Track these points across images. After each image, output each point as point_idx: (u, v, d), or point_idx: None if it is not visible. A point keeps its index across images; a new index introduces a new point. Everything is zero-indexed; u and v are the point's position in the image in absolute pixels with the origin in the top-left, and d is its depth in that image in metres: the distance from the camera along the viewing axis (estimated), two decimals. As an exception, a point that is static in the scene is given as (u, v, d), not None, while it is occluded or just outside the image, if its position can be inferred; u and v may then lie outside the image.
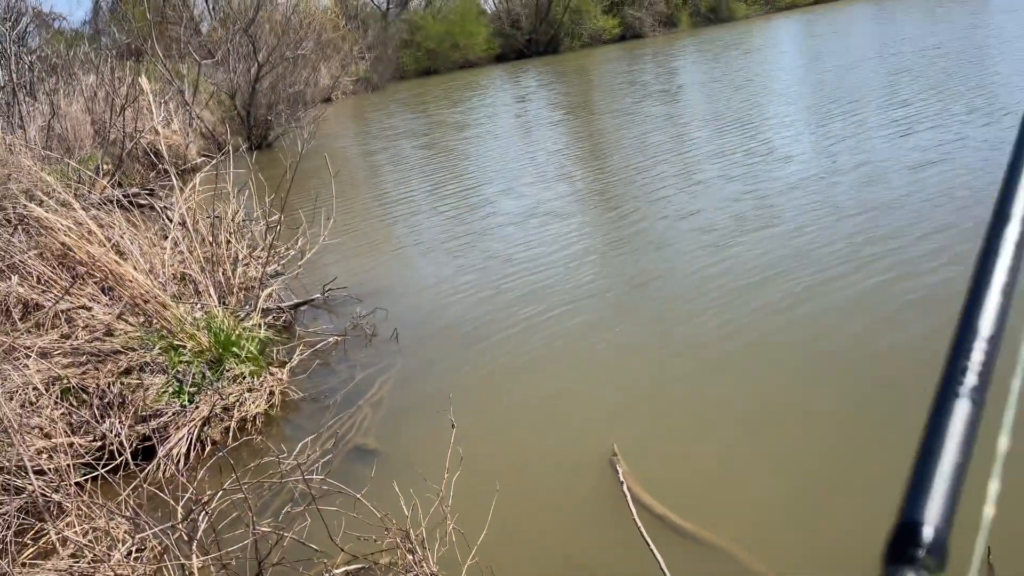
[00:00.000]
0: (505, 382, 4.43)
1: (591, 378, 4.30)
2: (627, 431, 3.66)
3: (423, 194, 9.91)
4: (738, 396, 3.86)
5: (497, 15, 37.76)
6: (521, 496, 3.27)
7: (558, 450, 3.65)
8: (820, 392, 3.77)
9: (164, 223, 6.63)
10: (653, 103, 14.65)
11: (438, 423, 3.81)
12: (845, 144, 8.53)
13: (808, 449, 3.36)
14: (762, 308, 4.74)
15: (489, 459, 3.56)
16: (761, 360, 4.17)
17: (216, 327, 4.45)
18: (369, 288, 6.29)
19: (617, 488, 3.23)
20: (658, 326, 4.78)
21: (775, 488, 3.14)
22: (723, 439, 3.54)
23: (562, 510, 3.21)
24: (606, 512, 3.14)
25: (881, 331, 4.24)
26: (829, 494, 3.05)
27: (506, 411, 4.10)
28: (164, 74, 14.70)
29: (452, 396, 3.87)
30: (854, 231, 5.75)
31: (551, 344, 4.78)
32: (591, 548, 2.98)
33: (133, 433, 3.88)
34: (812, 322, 4.48)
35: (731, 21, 38.16)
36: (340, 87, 26.45)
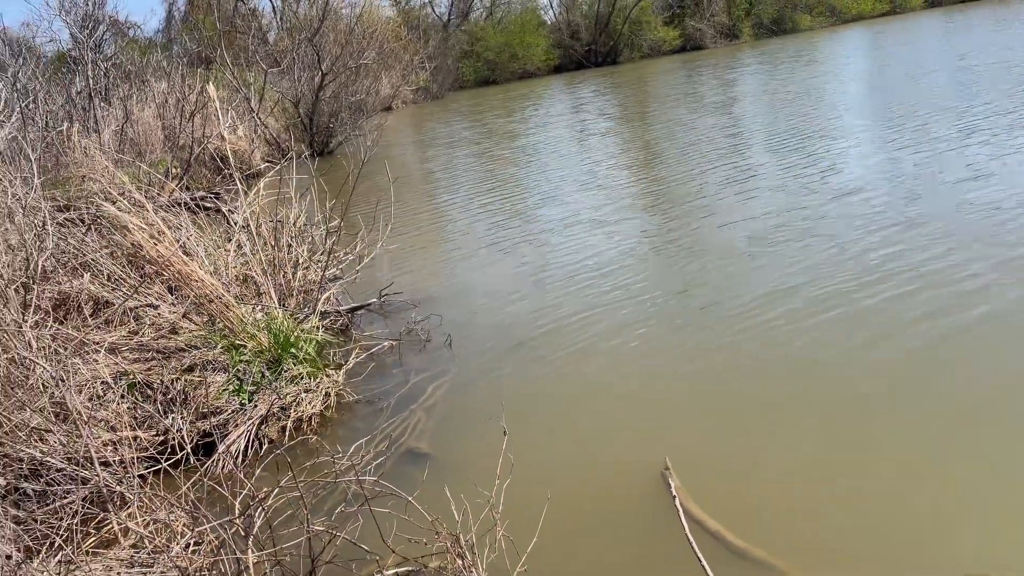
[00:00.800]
0: (557, 392, 4.42)
1: (645, 391, 4.26)
2: (680, 445, 3.62)
3: (478, 202, 9.98)
4: (796, 414, 3.78)
5: (557, 26, 37.90)
6: (571, 506, 3.26)
7: (609, 462, 3.62)
8: (889, 416, 3.67)
9: (228, 226, 6.81)
10: (710, 114, 14.50)
11: (489, 430, 3.83)
12: (907, 157, 8.30)
13: (870, 473, 3.27)
14: (823, 332, 4.62)
15: (540, 468, 3.55)
16: (823, 380, 4.08)
17: (276, 328, 4.55)
18: (424, 294, 6.35)
19: (668, 502, 3.19)
20: (714, 345, 4.70)
21: (831, 510, 3.07)
22: (779, 457, 3.47)
23: (612, 522, 3.19)
24: (657, 526, 3.11)
25: (964, 356, 4.11)
26: (889, 521, 2.96)
27: (557, 421, 4.09)
28: (232, 82, 15.13)
29: (504, 403, 3.89)
30: (921, 244, 5.59)
31: (605, 355, 4.75)
32: (641, 562, 2.95)
33: (194, 429, 3.99)
34: (882, 341, 4.36)
35: (794, 32, 37.55)
36: (400, 96, 26.84)
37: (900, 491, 3.09)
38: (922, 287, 4.92)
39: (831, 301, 4.94)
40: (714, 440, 3.68)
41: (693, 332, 4.90)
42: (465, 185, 11.52)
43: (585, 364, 4.69)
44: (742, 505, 3.18)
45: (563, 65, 36.24)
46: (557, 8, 39.29)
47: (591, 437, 3.87)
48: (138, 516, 3.16)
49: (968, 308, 4.54)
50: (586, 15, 37.32)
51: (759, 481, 3.33)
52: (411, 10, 36.59)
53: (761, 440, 3.62)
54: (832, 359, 4.26)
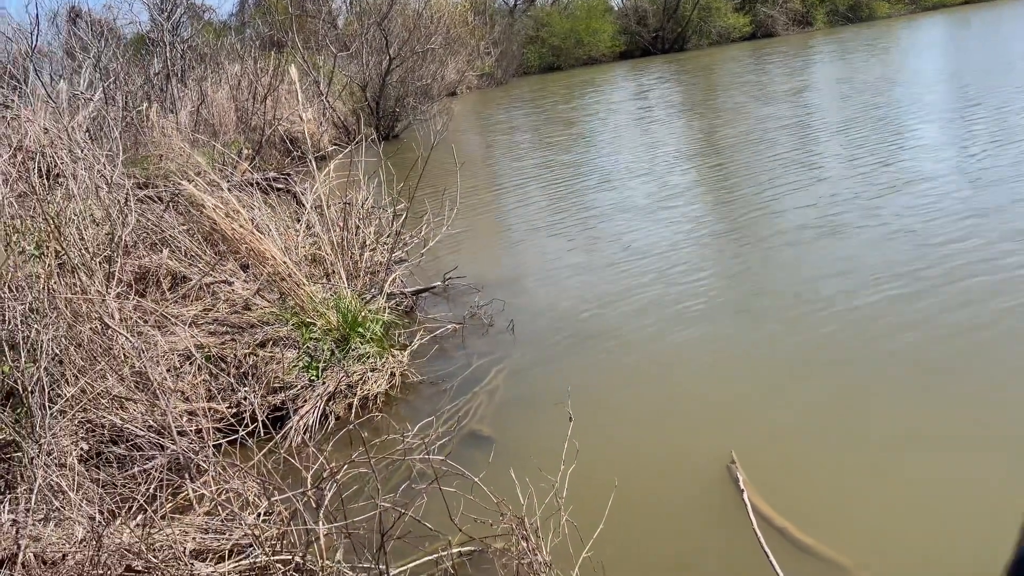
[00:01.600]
0: (621, 380, 4.41)
1: (712, 382, 4.22)
2: (746, 438, 3.57)
3: (542, 189, 9.96)
4: (865, 411, 3.70)
5: (624, 12, 37.39)
6: (635, 495, 3.25)
7: (675, 452, 3.60)
8: (961, 413, 3.56)
9: (298, 207, 6.96)
10: (776, 103, 14.15)
11: (551, 415, 3.84)
12: (981, 153, 7.97)
13: (940, 471, 3.18)
14: (902, 332, 4.48)
15: (604, 455, 3.55)
16: (895, 382, 3.97)
17: (344, 307, 4.64)
18: (487, 279, 6.39)
19: (733, 495, 3.16)
20: (787, 338, 4.62)
21: (901, 508, 3.00)
22: (847, 454, 3.39)
23: (677, 515, 3.17)
24: (721, 519, 3.08)
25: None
26: (959, 521, 2.88)
27: (622, 409, 4.08)
28: (302, 65, 15.40)
29: (569, 389, 3.89)
30: (995, 243, 5.38)
31: (670, 345, 4.72)
32: (706, 555, 2.93)
33: (265, 403, 4.10)
34: (954, 339, 4.22)
35: (871, 20, 36.32)
36: (465, 82, 26.92)
37: (981, 495, 3.00)
38: (994, 278, 4.74)
39: (909, 290, 4.80)
40: (781, 437, 3.62)
41: (760, 322, 4.82)
42: (528, 171, 11.51)
43: (649, 352, 4.66)
44: (809, 501, 3.13)
45: (629, 52, 35.74)
46: (625, -7, 38.78)
47: (656, 426, 3.86)
48: (213, 484, 3.27)
49: None
50: (654, 1, 36.75)
51: (827, 477, 3.27)
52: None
53: (830, 435, 3.55)
54: (911, 350, 4.14)
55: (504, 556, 2.80)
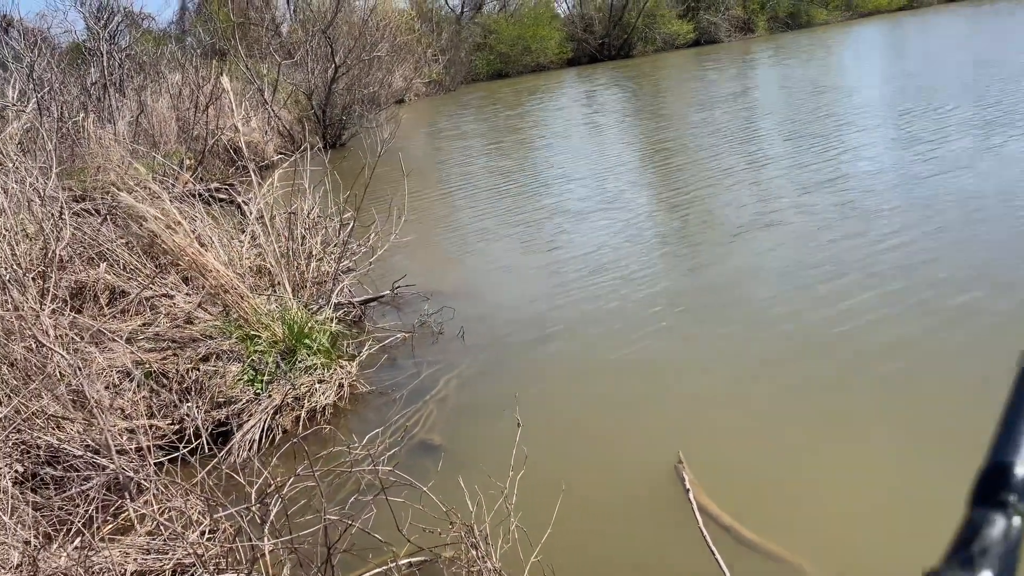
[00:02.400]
0: (570, 385, 4.43)
1: (658, 385, 4.27)
2: (694, 439, 3.62)
3: (491, 196, 9.97)
4: (808, 407, 3.78)
5: (570, 19, 37.72)
6: (584, 499, 3.27)
7: (623, 455, 3.63)
8: (898, 405, 3.66)
9: (242, 217, 6.84)
10: (719, 108, 14.42)
11: (502, 422, 3.84)
12: (919, 152, 8.24)
13: (885, 465, 3.26)
14: (843, 326, 4.60)
15: (553, 460, 3.56)
16: (838, 377, 4.06)
17: (290, 319, 4.57)
18: (437, 287, 6.36)
19: (681, 496, 3.20)
20: (731, 337, 4.70)
21: (846, 504, 3.06)
22: (791, 450, 3.46)
23: (625, 516, 3.19)
24: (670, 519, 3.11)
25: (964, 348, 4.09)
26: (902, 510, 2.96)
27: (571, 413, 4.10)
28: (245, 74, 15.17)
29: (518, 395, 3.89)
30: (938, 239, 5.56)
31: (618, 349, 4.76)
32: (654, 555, 2.96)
33: (209, 418, 4.01)
34: (884, 332, 4.34)
35: (810, 27, 37.26)
36: (412, 89, 26.82)
37: (926, 491, 3.08)
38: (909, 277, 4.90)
39: (849, 288, 4.92)
40: (729, 433, 3.67)
41: (707, 323, 4.89)
42: (477, 178, 11.52)
43: (598, 356, 4.69)
44: (756, 500, 3.18)
45: (576, 58, 36.05)
46: (570, 1, 39.13)
47: (604, 430, 3.88)
48: (154, 503, 3.19)
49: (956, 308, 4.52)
50: (599, 8, 37.11)
51: (774, 475, 3.32)
52: (424, 2, 36.53)
53: (777, 433, 3.61)
54: (855, 349, 4.24)
55: (454, 565, 2.79)
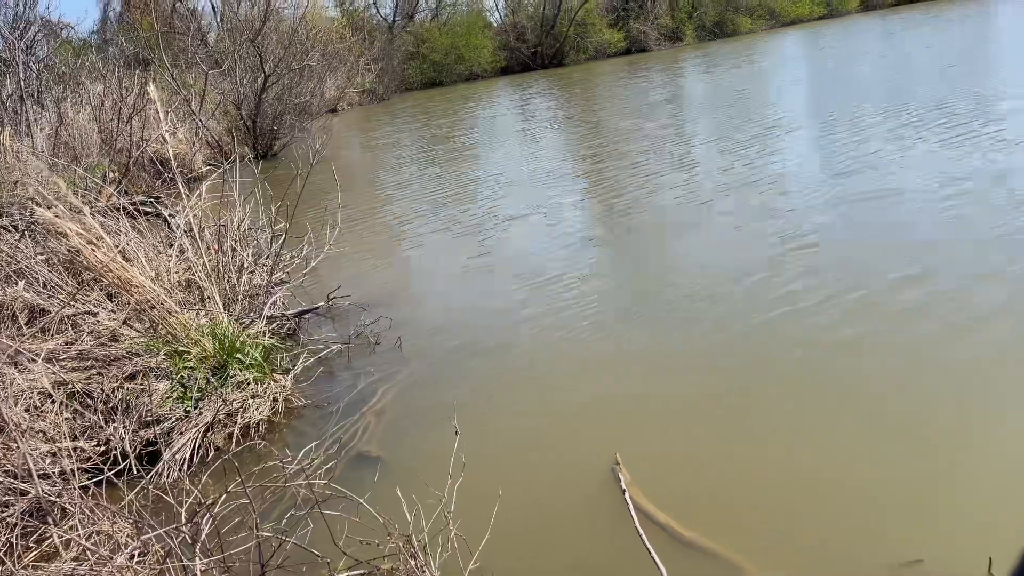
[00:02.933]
0: (508, 390, 4.44)
1: (594, 387, 4.31)
2: (630, 440, 3.67)
3: (427, 204, 9.95)
4: (740, 405, 3.87)
5: (503, 28, 37.94)
6: (523, 503, 3.28)
7: (561, 458, 3.66)
8: (826, 402, 3.78)
9: (170, 231, 6.67)
10: (651, 114, 14.70)
11: (441, 430, 3.83)
12: (843, 154, 8.55)
13: (813, 458, 3.36)
14: (765, 321, 4.75)
15: (491, 466, 3.57)
16: (764, 371, 4.18)
17: (221, 333, 4.47)
18: (373, 297, 6.31)
19: (619, 496, 3.24)
20: (661, 337, 4.79)
21: (781, 498, 3.15)
22: (725, 447, 3.54)
23: (564, 518, 3.22)
24: (608, 520, 3.15)
25: (884, 347, 4.25)
26: (832, 502, 3.05)
27: (509, 419, 4.11)
28: (171, 84, 14.80)
29: (456, 403, 3.89)
30: (861, 242, 5.77)
31: (554, 353, 4.79)
32: (592, 556, 2.98)
33: (137, 438, 3.89)
34: (812, 332, 4.49)
35: (735, 35, 38.30)
36: (345, 98, 26.57)
37: (848, 479, 3.19)
38: (847, 280, 5.09)
39: (777, 294, 5.06)
40: (663, 435, 3.74)
41: (640, 325, 4.97)
42: (412, 187, 11.47)
43: (535, 361, 4.72)
44: (692, 497, 3.24)
45: (510, 67, 36.29)
46: (503, 10, 39.38)
47: (543, 434, 3.90)
48: (80, 528, 3.07)
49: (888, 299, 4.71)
50: (531, 17, 37.43)
51: (709, 473, 3.39)
52: (355, 11, 36.24)
53: (711, 431, 3.69)
54: (777, 350, 4.37)
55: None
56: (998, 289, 4.67)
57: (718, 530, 2.98)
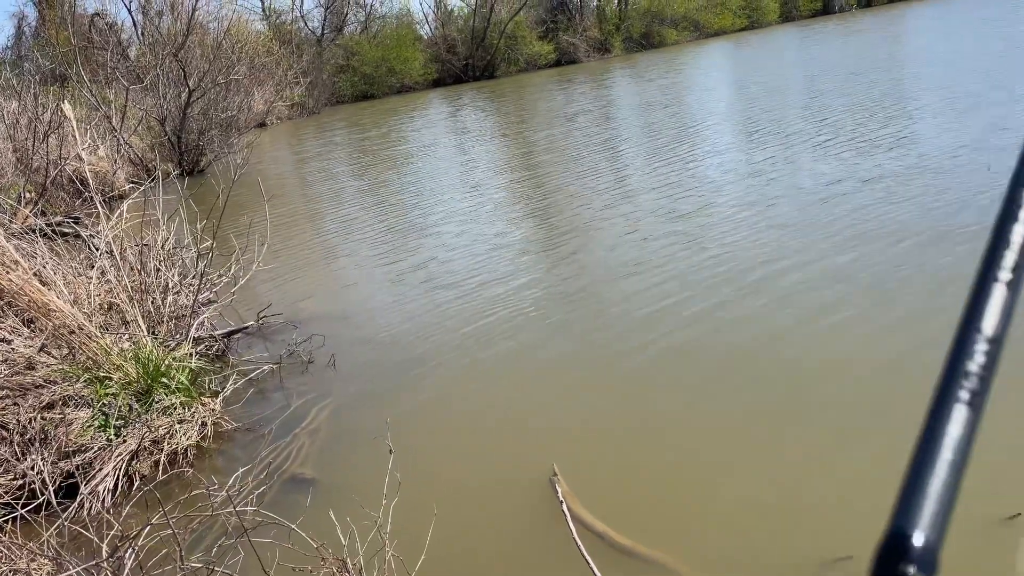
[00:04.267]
0: (444, 406, 4.41)
1: (530, 400, 4.31)
2: (567, 451, 3.67)
3: (359, 219, 9.84)
4: (675, 412, 3.92)
5: (433, 40, 37.97)
6: (460, 520, 3.25)
7: (498, 472, 3.64)
8: (759, 405, 3.85)
9: (90, 252, 6.43)
10: (586, 125, 14.89)
11: (376, 449, 3.76)
12: (770, 163, 8.81)
13: (744, 461, 3.43)
14: (697, 326, 4.83)
15: (428, 484, 3.53)
16: (697, 376, 4.25)
17: (144, 357, 4.32)
18: (306, 314, 6.20)
19: (557, 508, 3.24)
20: (594, 347, 4.82)
21: (714, 502, 3.19)
22: (662, 454, 3.58)
23: (502, 532, 3.20)
24: (546, 532, 3.14)
25: (815, 345, 4.37)
26: (768, 508, 3.11)
27: (445, 435, 4.08)
28: (90, 100, 14.32)
29: (390, 421, 3.84)
30: (778, 248, 5.93)
31: (489, 367, 4.78)
32: (531, 568, 2.97)
33: (57, 470, 3.72)
34: (745, 337, 4.59)
35: (662, 46, 39.13)
36: (274, 112, 26.15)
37: (779, 480, 3.25)
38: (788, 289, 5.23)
39: (707, 304, 5.16)
40: (599, 445, 3.75)
41: (575, 340, 5.00)
42: (344, 202, 11.34)
43: (470, 376, 4.70)
44: (629, 504, 3.26)
45: (442, 79, 36.32)
46: (433, 23, 39.42)
47: (479, 448, 3.88)
48: (-6, 569, 2.92)
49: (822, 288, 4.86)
50: (462, 30, 37.57)
51: (644, 480, 3.42)
52: (283, 24, 35.77)
53: (647, 439, 3.73)
54: (715, 351, 4.44)
55: (328, 602, 2.70)
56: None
57: (654, 536, 3.01)
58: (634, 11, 40.06)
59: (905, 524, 0.38)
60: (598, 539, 3.05)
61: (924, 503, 0.38)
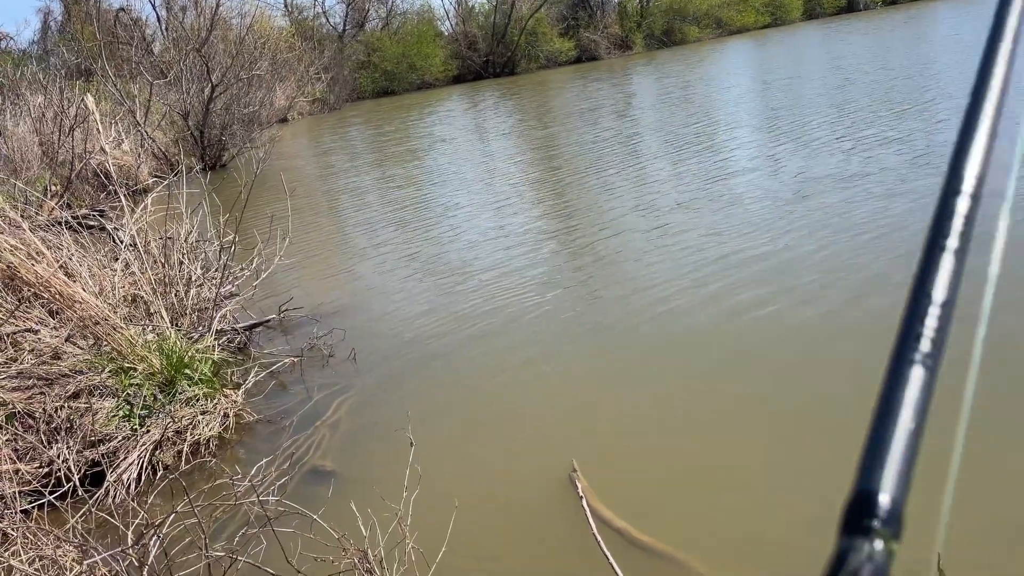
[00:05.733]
0: (464, 400, 4.42)
1: (551, 394, 4.32)
2: (587, 447, 3.68)
3: (380, 214, 9.88)
4: (695, 408, 3.91)
5: (454, 37, 38.00)
6: (481, 513, 3.26)
7: (518, 467, 3.65)
8: (777, 402, 3.84)
9: (115, 245, 6.50)
10: (606, 122, 14.85)
11: (396, 442, 3.79)
12: (788, 159, 8.74)
13: (765, 459, 3.41)
14: (726, 324, 4.81)
15: (448, 477, 3.54)
16: (721, 375, 4.23)
17: (168, 349, 4.37)
18: (326, 308, 6.24)
19: (576, 504, 3.24)
20: (617, 343, 4.82)
21: (735, 501, 3.18)
22: (682, 451, 3.57)
23: (522, 527, 3.21)
24: (566, 527, 3.15)
25: (830, 342, 4.34)
26: (784, 502, 3.10)
27: (465, 429, 4.09)
28: (115, 94, 14.48)
29: (411, 414, 3.86)
30: (804, 244, 5.89)
31: (509, 361, 4.79)
32: (551, 564, 2.98)
33: (82, 458, 3.78)
34: (766, 333, 4.56)
35: (684, 43, 38.92)
36: (296, 107, 26.31)
37: (801, 479, 3.24)
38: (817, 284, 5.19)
39: (735, 299, 5.14)
40: (620, 442, 3.75)
41: (597, 336, 4.99)
42: (364, 196, 11.39)
43: (490, 370, 4.71)
44: (648, 501, 3.26)
45: (462, 75, 36.36)
46: (454, 19, 39.45)
47: (499, 444, 3.89)
48: (22, 553, 2.96)
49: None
50: (482, 26, 37.58)
51: (664, 476, 3.42)
52: (304, 20, 35.97)
53: (663, 437, 3.72)
54: (734, 349, 4.42)
55: (349, 592, 2.72)
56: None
57: (673, 533, 3.00)
58: (655, 8, 39.86)
59: (869, 484, 0.39)
60: (617, 535, 3.05)
61: (887, 462, 0.40)
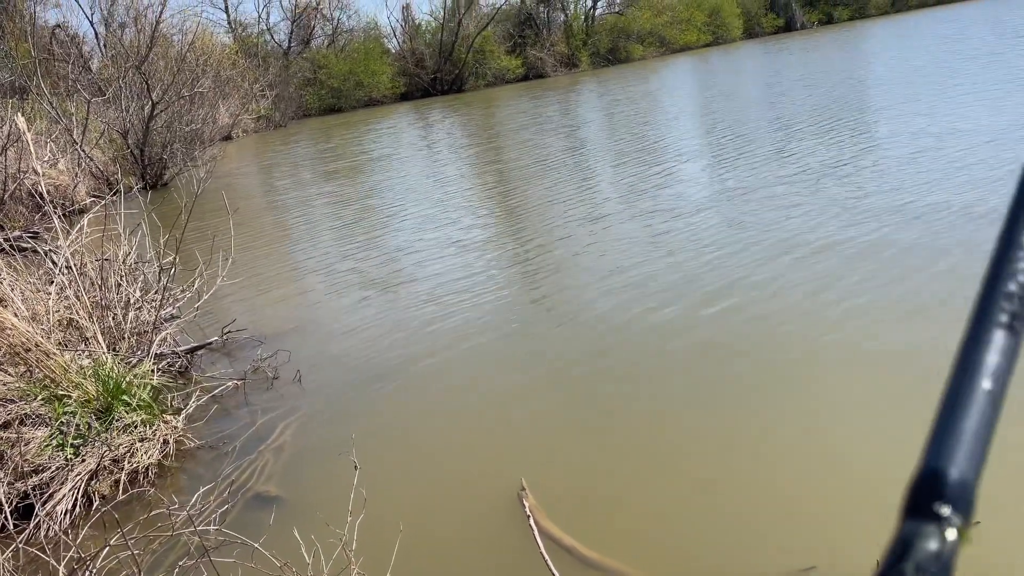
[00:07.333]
0: (411, 421, 4.38)
1: (497, 414, 4.30)
2: (535, 465, 3.67)
3: (326, 233, 9.78)
4: (643, 426, 3.94)
5: (401, 54, 38.01)
6: (427, 536, 3.23)
7: (465, 487, 3.62)
8: (725, 417, 3.88)
9: (49, 268, 6.30)
10: (552, 137, 14.98)
11: (342, 466, 3.73)
12: (731, 171, 8.93)
13: (711, 473, 3.45)
14: (672, 339, 4.86)
15: (395, 500, 3.50)
16: (667, 390, 4.27)
17: (104, 374, 4.24)
18: (271, 330, 6.13)
19: (525, 523, 3.23)
20: (563, 361, 4.83)
21: (683, 515, 3.20)
22: (630, 468, 3.59)
23: (468, 546, 3.18)
24: (514, 547, 3.13)
25: (778, 354, 4.42)
26: (730, 516, 3.13)
27: (412, 450, 4.05)
28: (51, 112, 14.08)
29: (355, 437, 3.80)
30: (748, 257, 6.00)
31: (456, 381, 4.76)
32: (499, 585, 2.96)
33: (12, 491, 3.63)
34: (708, 347, 4.63)
35: (628, 61, 39.60)
36: (240, 125, 25.94)
37: (746, 492, 3.28)
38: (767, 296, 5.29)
39: (672, 316, 5.20)
40: (567, 459, 3.75)
41: (543, 354, 5.00)
42: (310, 215, 11.26)
43: (437, 391, 4.68)
44: (599, 519, 3.26)
45: (410, 93, 36.37)
46: (401, 36, 39.46)
47: (446, 465, 3.86)
48: (-55, 595, 2.83)
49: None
50: (430, 44, 37.68)
51: (615, 494, 3.42)
52: (249, 37, 35.58)
53: (614, 453, 3.73)
54: (681, 372, 4.47)
55: (292, 622, 2.66)
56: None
57: (622, 549, 3.01)
58: (601, 27, 40.56)
59: (938, 461, 0.35)
60: (566, 553, 3.04)
61: (959, 437, 0.35)
